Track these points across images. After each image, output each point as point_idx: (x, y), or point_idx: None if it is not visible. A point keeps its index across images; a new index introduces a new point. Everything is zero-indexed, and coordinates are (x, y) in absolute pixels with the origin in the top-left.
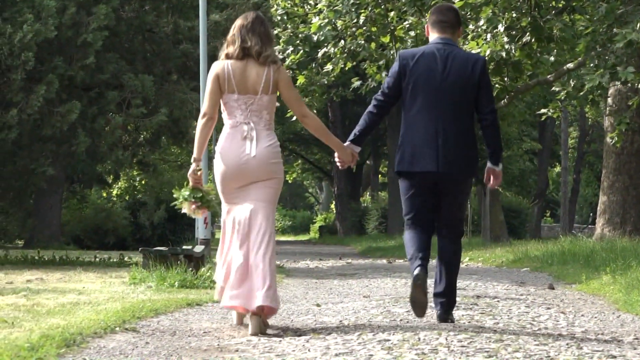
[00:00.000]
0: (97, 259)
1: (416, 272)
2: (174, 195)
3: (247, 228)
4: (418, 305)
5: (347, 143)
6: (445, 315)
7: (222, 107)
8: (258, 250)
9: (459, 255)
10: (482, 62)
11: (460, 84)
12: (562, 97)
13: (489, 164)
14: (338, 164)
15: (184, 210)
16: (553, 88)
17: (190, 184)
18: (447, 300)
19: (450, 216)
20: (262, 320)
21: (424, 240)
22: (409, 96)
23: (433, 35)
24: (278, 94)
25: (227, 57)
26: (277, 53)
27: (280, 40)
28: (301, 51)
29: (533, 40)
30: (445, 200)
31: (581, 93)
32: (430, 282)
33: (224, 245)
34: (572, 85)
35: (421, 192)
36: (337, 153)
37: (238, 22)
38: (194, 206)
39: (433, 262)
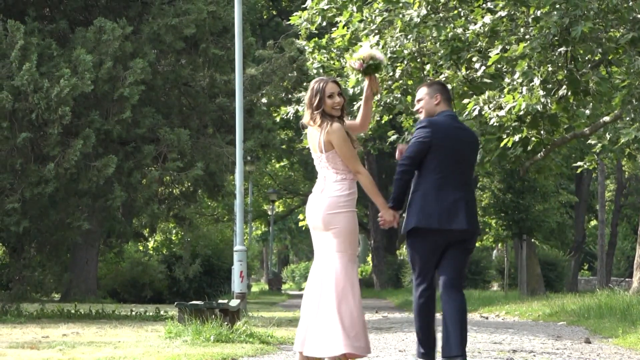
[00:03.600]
0: (133, 313)
1: None
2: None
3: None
4: None
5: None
6: None
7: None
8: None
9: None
10: (477, 138)
11: (472, 153)
12: (598, 150)
13: None
14: (380, 223)
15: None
16: (589, 141)
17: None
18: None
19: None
20: None
21: (434, 316)
22: (438, 161)
23: (443, 108)
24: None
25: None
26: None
27: None
28: None
29: (569, 93)
30: (456, 254)
31: (616, 146)
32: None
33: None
34: (608, 138)
35: (437, 247)
36: (381, 212)
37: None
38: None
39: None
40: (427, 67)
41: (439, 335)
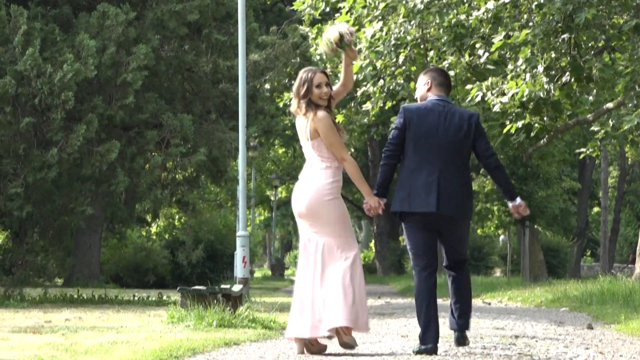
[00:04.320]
0: (136, 298)
1: (430, 346)
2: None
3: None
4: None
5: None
6: (462, 339)
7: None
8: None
9: (468, 285)
10: (477, 117)
11: (459, 137)
12: (601, 137)
13: (508, 203)
14: (366, 209)
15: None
16: (592, 128)
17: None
18: (464, 325)
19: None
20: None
21: (433, 293)
22: (412, 146)
23: (434, 93)
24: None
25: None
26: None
27: None
28: None
29: (572, 80)
30: (447, 238)
31: (618, 132)
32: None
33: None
34: (611, 125)
35: (423, 227)
36: (366, 199)
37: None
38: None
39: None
40: (431, 53)
41: (441, 321)
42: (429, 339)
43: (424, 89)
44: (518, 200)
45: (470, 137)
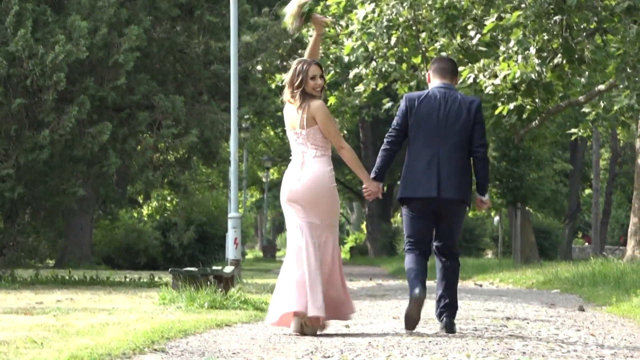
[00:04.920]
0: (127, 279)
1: (417, 290)
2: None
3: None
4: (411, 321)
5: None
6: (451, 325)
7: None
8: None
9: (457, 273)
10: (477, 103)
11: (459, 123)
12: (593, 118)
13: (477, 194)
14: (365, 195)
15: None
16: (584, 109)
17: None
18: (451, 312)
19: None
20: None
21: (423, 263)
22: (413, 132)
23: (435, 81)
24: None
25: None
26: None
27: None
28: (332, 72)
29: (564, 61)
30: (443, 223)
31: (610, 113)
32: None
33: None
34: (603, 106)
35: (421, 215)
36: (365, 184)
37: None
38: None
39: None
40: (423, 35)
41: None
42: (416, 286)
43: (428, 80)
44: (486, 196)
45: (470, 123)
